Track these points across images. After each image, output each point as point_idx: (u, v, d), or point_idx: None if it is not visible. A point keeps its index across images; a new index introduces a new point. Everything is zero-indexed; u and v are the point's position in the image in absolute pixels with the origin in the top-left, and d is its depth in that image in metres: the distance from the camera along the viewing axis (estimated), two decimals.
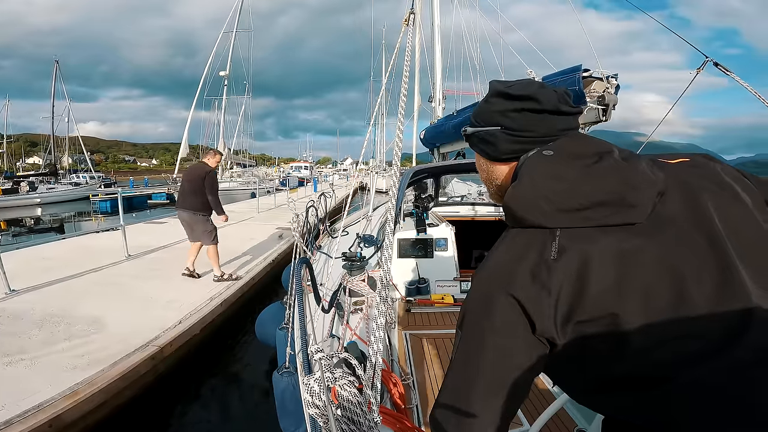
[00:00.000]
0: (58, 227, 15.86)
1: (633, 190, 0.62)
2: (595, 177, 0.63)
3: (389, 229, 1.42)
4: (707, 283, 0.59)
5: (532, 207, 0.65)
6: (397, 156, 1.68)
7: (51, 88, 29.57)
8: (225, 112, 21.24)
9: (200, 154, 24.42)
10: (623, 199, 0.61)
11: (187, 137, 18.42)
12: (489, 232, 4.30)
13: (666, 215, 0.63)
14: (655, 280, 0.59)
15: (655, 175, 0.64)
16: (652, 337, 0.58)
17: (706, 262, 0.60)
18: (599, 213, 0.62)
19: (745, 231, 0.63)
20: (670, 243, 0.61)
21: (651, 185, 0.63)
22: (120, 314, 3.96)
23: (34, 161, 57.82)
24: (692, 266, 0.60)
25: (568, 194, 0.63)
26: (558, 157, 0.68)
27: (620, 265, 0.60)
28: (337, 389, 1.17)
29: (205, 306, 4.33)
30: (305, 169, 38.69)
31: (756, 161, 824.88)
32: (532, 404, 2.15)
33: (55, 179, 27.00)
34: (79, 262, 5.86)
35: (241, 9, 19.99)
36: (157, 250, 7.04)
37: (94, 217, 17.78)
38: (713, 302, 0.58)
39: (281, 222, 10.76)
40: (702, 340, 0.57)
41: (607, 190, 0.62)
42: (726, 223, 0.63)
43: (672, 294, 0.59)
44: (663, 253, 0.60)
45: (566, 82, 2.59)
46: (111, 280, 5.15)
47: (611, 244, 0.61)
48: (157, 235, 8.22)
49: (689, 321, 0.58)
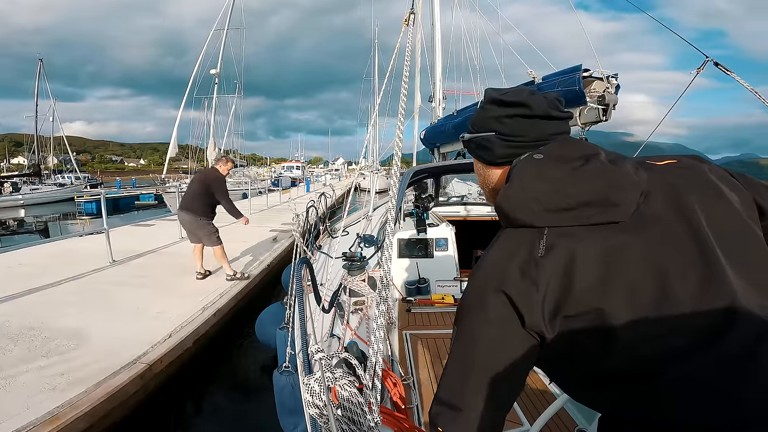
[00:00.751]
0: (42, 229, 15.41)
1: (617, 190, 0.64)
2: (581, 179, 0.66)
3: (389, 229, 1.43)
4: (691, 279, 0.60)
5: (522, 207, 0.68)
6: (397, 156, 1.67)
7: (35, 86, 29.22)
8: (215, 111, 20.82)
9: (190, 154, 24.12)
10: (607, 198, 0.64)
11: (176, 136, 17.94)
12: (489, 232, 4.08)
13: (650, 214, 0.65)
14: (640, 276, 0.61)
15: (639, 176, 0.67)
16: (638, 332, 0.60)
17: (690, 259, 0.62)
18: (585, 212, 0.64)
19: (729, 228, 0.65)
20: (654, 240, 0.63)
21: (635, 185, 0.65)
22: (104, 326, 3.67)
23: (19, 161, 56.74)
24: (676, 263, 0.62)
25: (555, 195, 0.65)
26: (547, 160, 0.70)
27: (605, 262, 0.62)
28: (338, 389, 1.18)
29: (197, 316, 4.03)
30: (297, 169, 38.04)
31: (741, 161, 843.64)
32: (533, 404, 2.18)
33: (39, 180, 26.52)
34: (59, 268, 5.52)
35: (233, 7, 19.58)
36: (144, 255, 6.64)
37: (79, 219, 17.27)
38: (697, 298, 0.60)
39: (274, 224, 10.46)
40: (687, 335, 0.59)
41: (592, 191, 0.64)
42: (711, 221, 0.65)
43: (656, 290, 0.60)
44: (647, 250, 0.62)
45: (566, 82, 2.55)
46: (94, 288, 4.80)
47: (596, 242, 0.63)
48: (145, 239, 7.83)
49: (674, 317, 0.60)
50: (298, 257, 2.99)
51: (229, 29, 19.76)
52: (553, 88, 2.72)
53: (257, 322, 3.75)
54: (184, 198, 5.02)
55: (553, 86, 2.73)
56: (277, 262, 6.77)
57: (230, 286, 4.98)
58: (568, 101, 2.54)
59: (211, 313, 4.16)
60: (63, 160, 34.87)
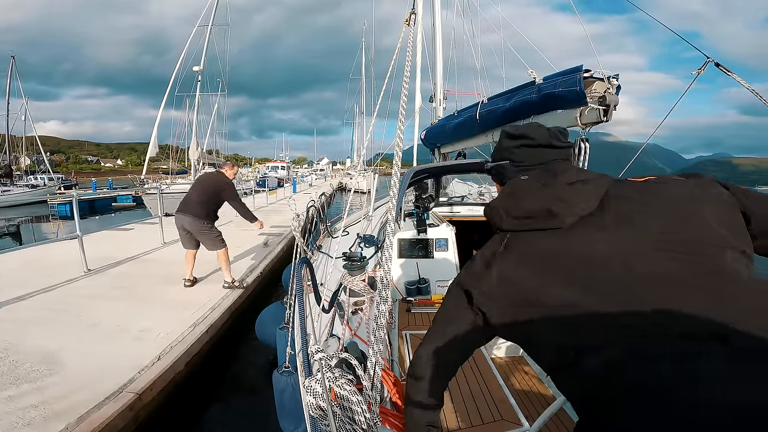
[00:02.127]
0: (14, 233, 14.58)
1: (559, 203, 0.78)
2: (537, 194, 0.82)
3: (389, 230, 1.46)
4: (615, 278, 0.70)
5: (494, 214, 0.88)
6: (398, 156, 1.69)
7: (6, 84, 28.21)
8: (198, 109, 20.12)
9: (170, 154, 23.26)
10: (549, 210, 0.78)
11: (156, 135, 17.25)
12: (489, 232, 4.09)
13: (593, 222, 0.76)
14: (570, 274, 0.73)
15: (589, 193, 0.78)
16: (567, 324, 0.71)
17: (623, 260, 0.71)
18: (531, 221, 0.81)
19: (673, 237, 0.71)
20: (588, 243, 0.74)
21: (577, 201, 0.78)
22: (81, 348, 3.25)
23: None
24: (604, 262, 0.71)
25: (515, 206, 0.84)
26: (526, 180, 0.87)
27: (543, 261, 0.76)
28: (337, 389, 1.19)
29: (188, 334, 3.62)
30: (282, 169, 37.14)
31: (714, 160, 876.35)
32: (532, 405, 2.18)
33: (10, 181, 25.49)
34: (27, 279, 4.99)
35: (218, 3, 18.93)
36: (123, 263, 6.11)
37: (53, 222, 16.38)
38: (621, 296, 0.68)
39: (264, 227, 10.00)
40: (611, 327, 0.67)
41: (539, 204, 0.80)
42: (646, 228, 0.73)
43: (584, 287, 0.71)
44: (583, 252, 0.74)
45: (567, 83, 2.50)
46: (67, 301, 4.30)
47: (538, 244, 0.79)
48: (123, 245, 7.27)
49: (598, 310, 0.68)
50: (298, 257, 2.94)
51: (214, 25, 19.15)
52: (553, 89, 2.63)
53: (257, 322, 3.77)
54: (185, 202, 4.72)
55: (554, 86, 2.63)
56: (270, 269, 6.37)
57: (222, 298, 4.56)
58: (568, 102, 2.35)
59: (203, 330, 3.76)
60: (36, 161, 33.65)
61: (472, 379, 2.27)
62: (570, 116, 2.62)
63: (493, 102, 3.63)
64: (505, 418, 1.96)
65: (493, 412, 2.00)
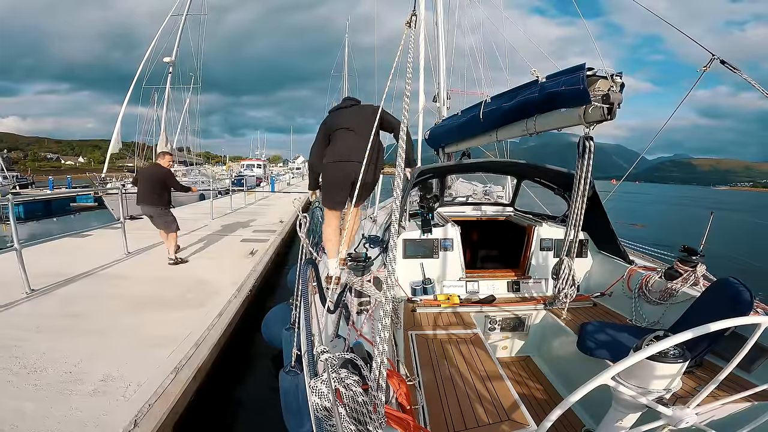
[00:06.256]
0: None
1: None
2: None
3: (394, 230, 1.62)
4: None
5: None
6: (401, 158, 1.70)
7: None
8: (168, 105, 18.68)
9: (136, 151, 21.64)
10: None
11: (119, 130, 15.81)
12: (495, 232, 4.39)
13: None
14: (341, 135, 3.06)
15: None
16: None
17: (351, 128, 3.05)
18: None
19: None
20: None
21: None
22: (18, 409, 2.35)
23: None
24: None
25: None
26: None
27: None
28: (343, 389, 1.22)
29: (169, 384, 2.75)
30: (258, 167, 35.53)
31: (673, 161, 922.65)
32: (539, 405, 2.28)
33: None
34: None
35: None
36: (77, 280, 4.87)
37: (5, 226, 14.66)
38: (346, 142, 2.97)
39: (246, 231, 8.93)
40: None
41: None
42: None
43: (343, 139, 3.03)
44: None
45: (570, 81, 2.52)
46: (1, 337, 3.27)
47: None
48: (79, 256, 5.94)
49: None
50: (303, 258, 2.92)
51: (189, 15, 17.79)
52: (557, 87, 2.64)
53: (263, 322, 3.86)
54: (141, 194, 5.60)
55: (557, 85, 2.65)
56: (259, 284, 5.44)
57: (207, 329, 3.66)
58: (572, 100, 2.56)
59: (189, 376, 2.89)
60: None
61: (479, 380, 2.21)
62: (573, 114, 2.62)
63: (495, 101, 3.66)
64: (512, 419, 1.90)
65: (500, 413, 1.94)
